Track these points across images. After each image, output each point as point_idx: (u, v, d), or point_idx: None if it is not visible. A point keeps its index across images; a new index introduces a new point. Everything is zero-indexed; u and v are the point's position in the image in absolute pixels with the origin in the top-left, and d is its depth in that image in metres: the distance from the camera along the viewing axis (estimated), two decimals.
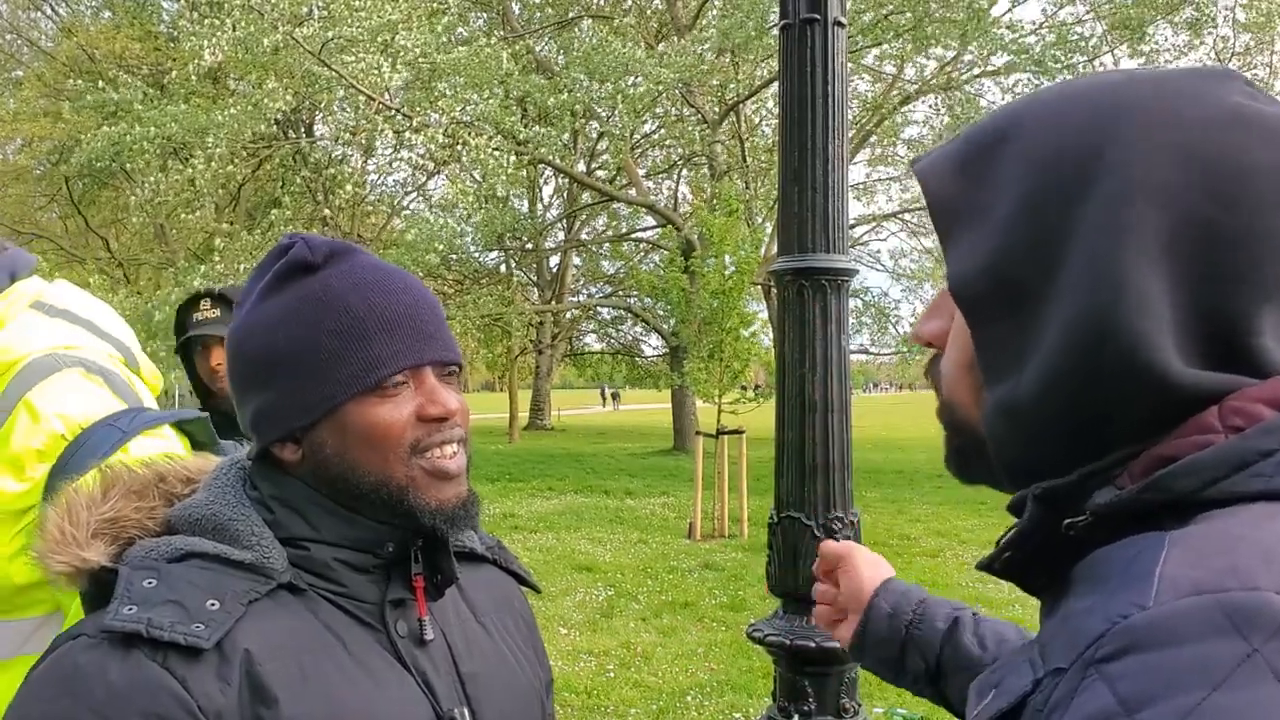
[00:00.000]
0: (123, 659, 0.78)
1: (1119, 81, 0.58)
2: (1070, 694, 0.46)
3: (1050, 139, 0.57)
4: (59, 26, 25.27)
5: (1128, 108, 0.56)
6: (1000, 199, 0.58)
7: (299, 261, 0.93)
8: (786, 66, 2.30)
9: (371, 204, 26.06)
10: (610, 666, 5.69)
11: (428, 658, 0.93)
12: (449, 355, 0.95)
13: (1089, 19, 16.99)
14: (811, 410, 2.24)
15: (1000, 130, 0.61)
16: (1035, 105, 0.61)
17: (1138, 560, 0.48)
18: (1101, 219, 0.54)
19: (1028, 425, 0.57)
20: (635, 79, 15.80)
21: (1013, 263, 0.57)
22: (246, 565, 0.86)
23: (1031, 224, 0.57)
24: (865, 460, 16.74)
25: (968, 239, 0.60)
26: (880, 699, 5.03)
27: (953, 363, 0.63)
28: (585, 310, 28.23)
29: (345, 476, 0.90)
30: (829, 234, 2.24)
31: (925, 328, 0.66)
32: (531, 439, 24.62)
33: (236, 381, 0.95)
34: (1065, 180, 0.56)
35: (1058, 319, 0.55)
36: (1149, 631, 0.44)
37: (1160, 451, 0.53)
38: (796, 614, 2.25)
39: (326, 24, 14.05)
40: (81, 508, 0.89)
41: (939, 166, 0.63)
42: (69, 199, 23.92)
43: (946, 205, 0.62)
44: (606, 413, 45.46)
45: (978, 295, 0.59)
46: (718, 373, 11.48)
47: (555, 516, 11.16)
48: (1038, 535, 0.57)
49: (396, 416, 0.90)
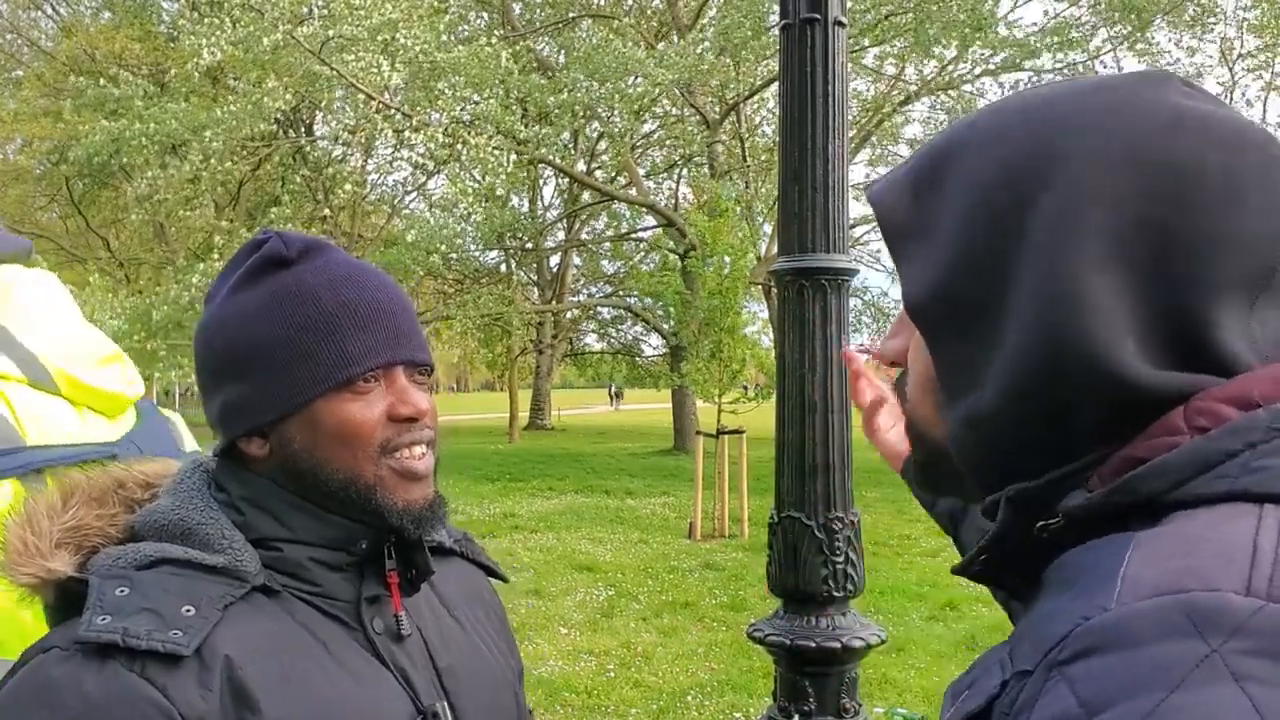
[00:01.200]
0: (99, 669, 0.76)
1: (1059, 93, 0.59)
2: (1034, 696, 0.46)
3: (992, 156, 0.58)
4: (59, 26, 25.28)
5: (1068, 118, 0.56)
6: (947, 218, 0.59)
7: (272, 256, 0.92)
8: (786, 66, 2.30)
9: (372, 204, 26.06)
10: (610, 666, 5.69)
11: (405, 654, 0.93)
12: (421, 356, 0.95)
13: (1090, 19, 16.98)
14: (811, 410, 2.24)
15: (945, 150, 0.61)
16: (977, 123, 0.61)
17: (1102, 562, 0.49)
18: (1050, 230, 0.54)
19: (992, 436, 0.57)
20: (635, 79, 15.80)
21: (964, 281, 0.57)
22: (219, 569, 0.85)
23: (979, 241, 0.57)
24: (865, 460, 16.69)
25: (919, 259, 0.60)
26: (880, 699, 5.03)
27: (914, 379, 0.64)
28: (585, 310, 28.23)
29: (313, 473, 0.89)
30: (829, 234, 2.24)
31: (888, 346, 0.67)
32: (532, 439, 24.60)
33: (205, 375, 0.95)
34: (1011, 195, 0.56)
35: (1014, 332, 0.55)
36: (1109, 633, 0.44)
37: (1129, 453, 0.53)
38: (797, 614, 2.25)
39: (326, 23, 14.05)
40: (42, 517, 0.87)
41: (891, 190, 0.64)
42: (69, 199, 23.93)
43: (898, 227, 0.62)
44: (609, 411, 45.44)
45: (932, 314, 0.59)
46: (717, 373, 11.47)
47: (555, 516, 11.15)
48: (1011, 538, 0.57)
49: (367, 415, 0.90)
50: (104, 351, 1.34)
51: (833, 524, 2.23)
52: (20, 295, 1.29)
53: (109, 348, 1.36)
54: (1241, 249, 0.52)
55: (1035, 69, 17.27)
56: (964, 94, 19.42)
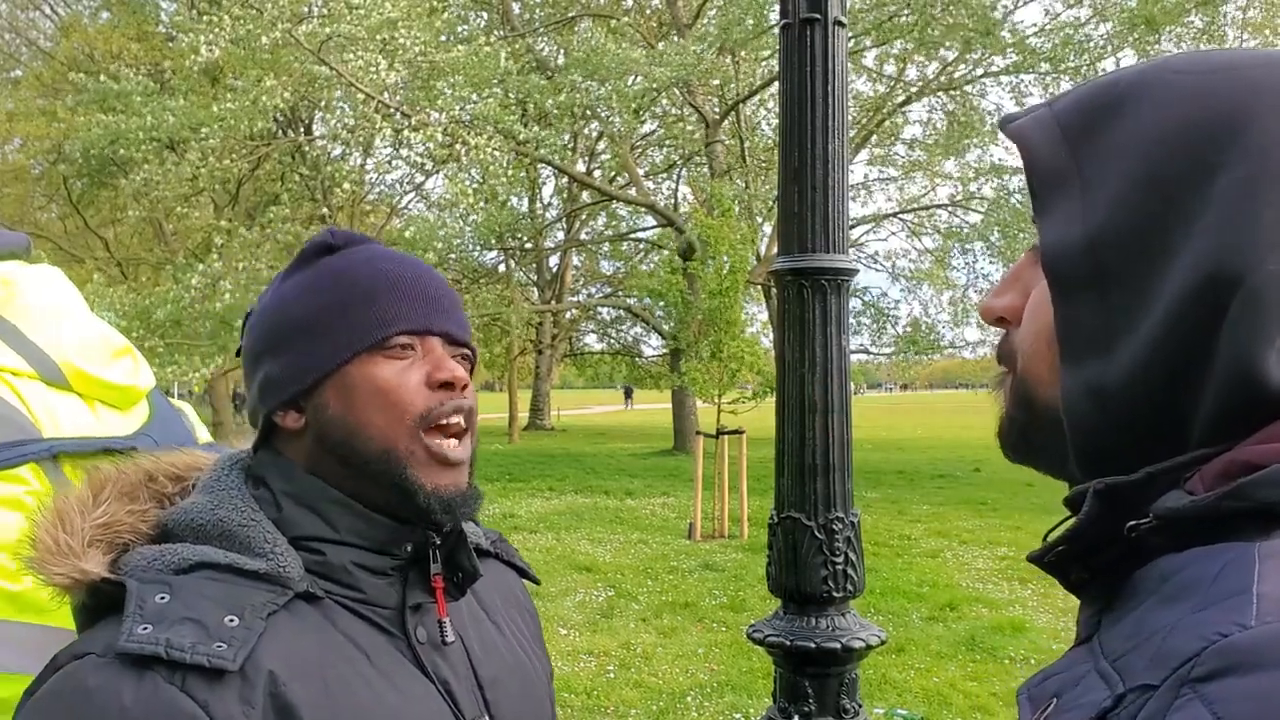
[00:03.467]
0: (137, 681, 0.72)
1: (1252, 55, 0.55)
2: (1161, 712, 0.44)
3: (1176, 114, 0.54)
4: (57, 26, 25.27)
5: (1259, 90, 0.52)
6: (1111, 172, 0.55)
7: (319, 244, 0.95)
8: (786, 66, 2.30)
9: (370, 203, 26.06)
10: (610, 667, 5.69)
11: (448, 664, 0.90)
12: (460, 333, 0.94)
13: (1093, 20, 16.97)
14: (811, 410, 2.24)
15: (1117, 97, 0.57)
16: (1160, 75, 0.56)
17: (1227, 574, 0.46)
18: (1230, 206, 0.51)
19: (1114, 410, 0.54)
20: (634, 78, 15.79)
21: (1119, 241, 0.54)
22: (261, 575, 0.81)
23: (1146, 202, 0.53)
24: (865, 460, 16.74)
25: (1067, 209, 0.56)
26: (880, 699, 5.03)
27: (1032, 335, 0.60)
28: (585, 310, 28.23)
29: (348, 441, 0.87)
30: (829, 234, 2.24)
31: (997, 302, 0.63)
32: (531, 439, 24.60)
33: (247, 360, 0.94)
34: (1190, 160, 0.52)
35: (1163, 304, 0.52)
36: (1251, 652, 0.42)
37: (1240, 456, 0.50)
38: (797, 614, 2.25)
39: (325, 22, 14.05)
40: (74, 514, 0.84)
41: (1039, 128, 0.60)
42: (68, 199, 23.92)
43: (1047, 171, 0.58)
44: (623, 410, 45.31)
45: (1073, 270, 0.56)
46: (717, 373, 11.47)
47: (555, 517, 11.15)
48: (1093, 532, 0.55)
49: (404, 379, 0.88)
50: (114, 344, 1.33)
51: (833, 524, 2.23)
52: (26, 291, 1.28)
53: (119, 341, 1.35)
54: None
55: (1039, 72, 17.28)
56: (965, 94, 19.43)
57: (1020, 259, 0.64)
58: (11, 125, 22.57)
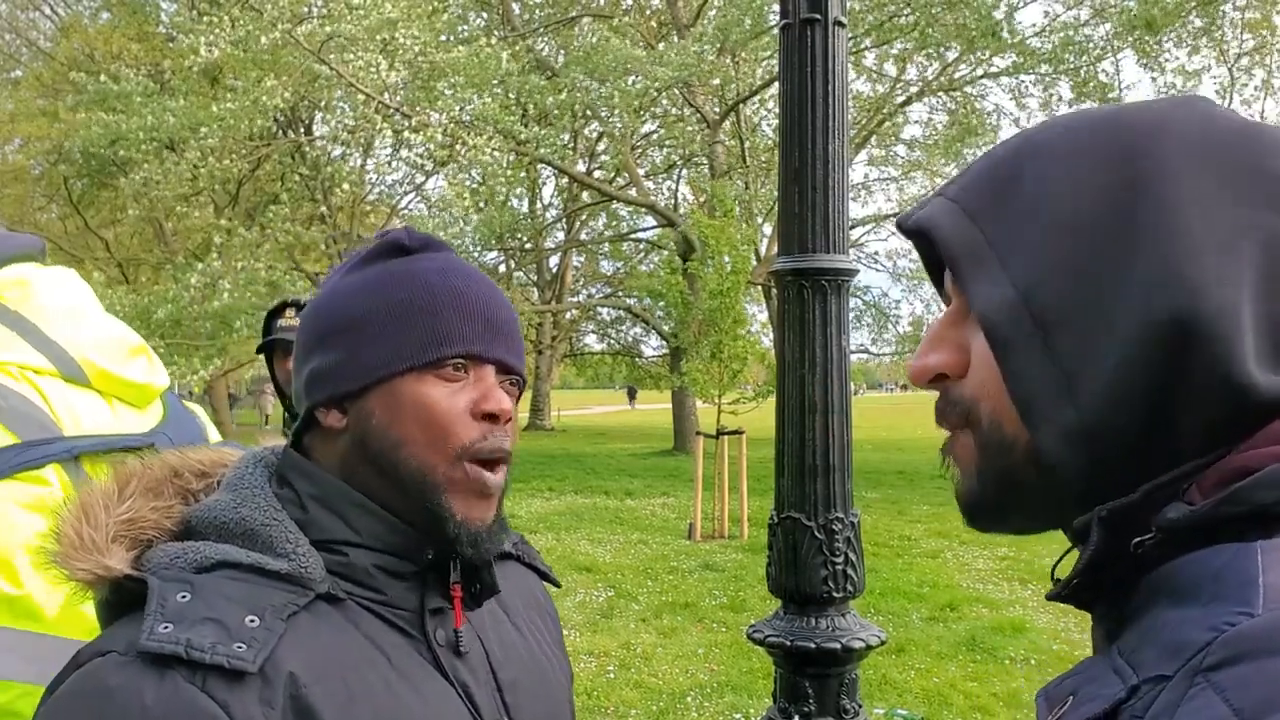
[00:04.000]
0: (158, 681, 0.72)
1: (1121, 109, 0.58)
2: (1174, 703, 0.44)
3: (1074, 166, 0.56)
4: (57, 26, 25.28)
5: (1150, 129, 0.55)
6: (1027, 232, 0.57)
7: (393, 243, 0.92)
8: (786, 66, 2.30)
9: (370, 204, 26.06)
10: (610, 667, 5.69)
11: (468, 667, 0.90)
12: (515, 362, 0.93)
13: (1093, 21, 16.96)
14: (811, 410, 2.24)
15: (1015, 165, 0.59)
16: (1053, 135, 0.59)
17: (1230, 569, 0.47)
18: (1155, 234, 0.53)
19: (1097, 447, 0.55)
20: (634, 78, 15.79)
21: (1052, 290, 0.55)
22: (283, 575, 0.81)
23: (1072, 249, 0.55)
24: (865, 460, 16.73)
25: (990, 276, 0.58)
26: (880, 699, 5.03)
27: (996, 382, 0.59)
28: (585, 310, 28.23)
29: (386, 454, 0.86)
30: (829, 234, 2.24)
31: (932, 359, 0.63)
32: (531, 439, 24.60)
33: (300, 348, 0.93)
34: (1105, 202, 0.55)
35: (1120, 336, 0.53)
36: (1260, 639, 0.43)
37: (1234, 462, 0.51)
38: (797, 615, 2.25)
39: (325, 22, 14.06)
40: (99, 509, 0.84)
41: (943, 213, 0.62)
42: (68, 199, 23.92)
43: (962, 250, 0.60)
44: (627, 410, 45.30)
45: (1013, 327, 0.57)
46: (718, 373, 11.47)
47: (555, 517, 11.15)
48: (1105, 557, 0.55)
49: (452, 403, 0.87)
50: (131, 343, 1.35)
51: (833, 524, 2.23)
52: (43, 291, 1.30)
53: (135, 340, 1.37)
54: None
55: (1039, 73, 17.28)
56: (966, 95, 19.43)
57: (938, 320, 0.64)
58: (12, 125, 22.58)
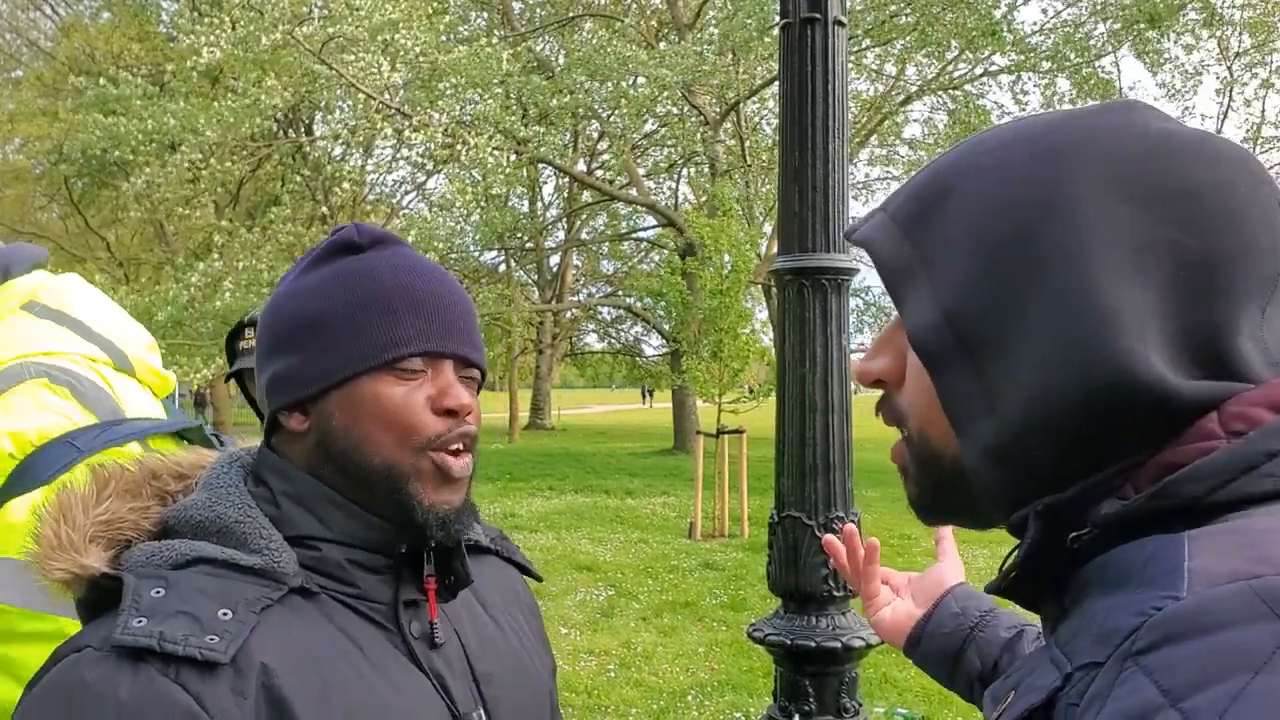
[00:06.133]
0: (133, 674, 0.74)
1: (1047, 124, 0.60)
2: (1107, 688, 0.46)
3: (994, 185, 0.58)
4: (58, 26, 25.28)
5: (1064, 148, 0.57)
6: (949, 251, 0.59)
7: (344, 242, 0.93)
8: (786, 66, 2.30)
9: (371, 203, 26.07)
10: (611, 666, 5.70)
11: (443, 659, 0.91)
12: (473, 355, 0.93)
13: (1093, 19, 16.96)
14: (811, 410, 2.24)
15: (942, 185, 0.62)
16: (971, 157, 0.61)
17: (1157, 557, 0.49)
18: (1064, 253, 0.55)
19: (1016, 462, 0.57)
20: (637, 79, 15.79)
21: (972, 310, 0.58)
22: (256, 570, 0.83)
23: (987, 271, 0.57)
24: (865, 460, 16.70)
25: (918, 293, 0.60)
26: (881, 699, 5.03)
27: (924, 395, 0.62)
28: (585, 310, 28.22)
29: (349, 453, 0.88)
30: (829, 234, 2.24)
31: (874, 365, 0.66)
32: (532, 439, 24.60)
33: (260, 351, 0.93)
34: (1019, 222, 0.57)
35: (1035, 353, 0.55)
36: (1185, 620, 0.44)
37: (1165, 459, 0.53)
38: (797, 613, 2.25)
39: (326, 23, 14.05)
40: (77, 509, 0.86)
41: (879, 229, 0.64)
42: (68, 199, 23.93)
43: (893, 265, 0.62)
44: (618, 410, 45.31)
45: (939, 345, 0.59)
46: (718, 372, 11.47)
47: (556, 516, 11.16)
48: (1042, 552, 0.57)
49: (410, 401, 0.88)
50: (148, 339, 1.44)
51: (833, 523, 2.23)
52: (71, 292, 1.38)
53: (148, 336, 1.46)
54: (1251, 260, 0.54)
55: (1040, 71, 17.26)
56: (966, 94, 19.41)
57: (888, 325, 0.67)
58: (12, 125, 22.59)
